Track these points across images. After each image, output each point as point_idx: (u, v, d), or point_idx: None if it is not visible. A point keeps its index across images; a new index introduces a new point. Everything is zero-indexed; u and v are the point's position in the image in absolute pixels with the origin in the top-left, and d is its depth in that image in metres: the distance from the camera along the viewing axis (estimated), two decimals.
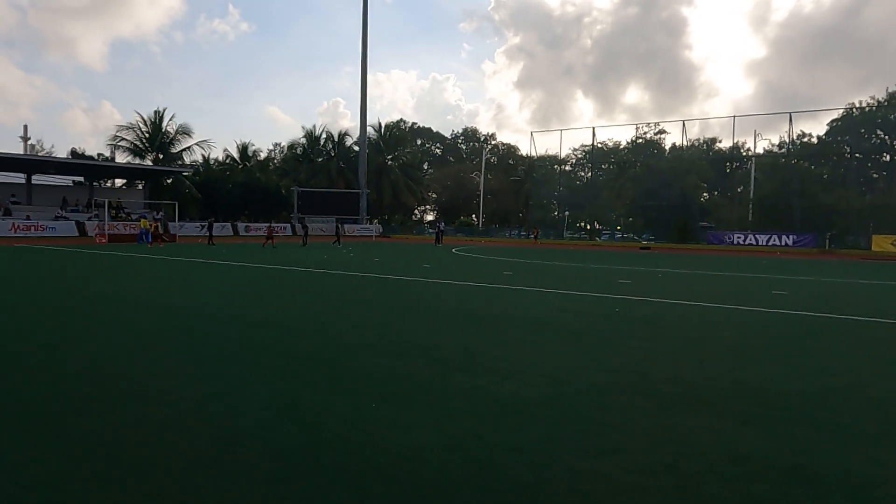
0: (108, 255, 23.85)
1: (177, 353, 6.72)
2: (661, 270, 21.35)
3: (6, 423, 4.34)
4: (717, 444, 4.16)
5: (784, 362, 6.87)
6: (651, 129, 68.95)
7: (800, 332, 9.15)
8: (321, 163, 72.03)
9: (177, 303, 10.93)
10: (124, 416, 4.54)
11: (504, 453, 3.92)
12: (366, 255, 26.82)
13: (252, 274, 17.14)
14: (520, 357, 6.81)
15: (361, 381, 5.64)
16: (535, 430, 4.39)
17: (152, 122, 59.49)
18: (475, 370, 6.15)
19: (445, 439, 4.16)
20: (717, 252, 40.00)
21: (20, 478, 3.44)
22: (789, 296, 13.88)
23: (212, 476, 3.50)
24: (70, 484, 3.38)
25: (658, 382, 5.80)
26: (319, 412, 4.70)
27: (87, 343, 7.19)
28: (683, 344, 7.81)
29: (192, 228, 46.87)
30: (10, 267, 17.96)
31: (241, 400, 4.98)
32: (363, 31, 61.07)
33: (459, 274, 18.34)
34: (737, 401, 5.25)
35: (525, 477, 3.58)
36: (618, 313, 10.47)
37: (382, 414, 4.69)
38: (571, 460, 3.83)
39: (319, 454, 3.86)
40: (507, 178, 79.65)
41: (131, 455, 3.78)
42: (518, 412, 4.80)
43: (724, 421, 4.68)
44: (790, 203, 48.79)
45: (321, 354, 6.78)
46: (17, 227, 38.34)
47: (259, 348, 7.06)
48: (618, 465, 3.78)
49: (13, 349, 6.83)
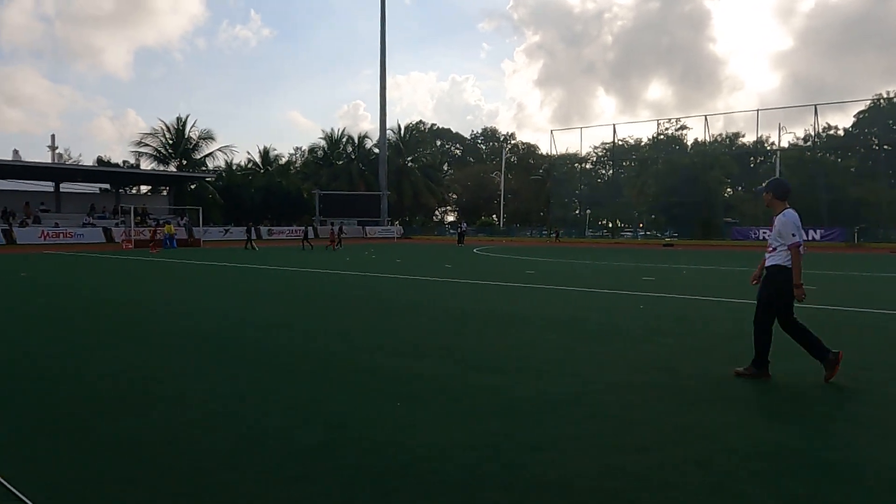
0: (134, 261, 24.19)
1: (201, 355, 6.76)
2: (686, 267, 21.08)
3: (39, 426, 4.39)
4: (749, 441, 4.06)
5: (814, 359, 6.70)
6: (673, 125, 68.27)
7: (830, 327, 8.94)
8: (342, 165, 72.44)
9: (201, 306, 11.03)
10: (151, 417, 4.57)
11: (529, 451, 3.87)
12: (387, 257, 26.88)
13: (272, 276, 17.25)
14: (544, 356, 6.74)
15: (384, 382, 5.62)
16: (560, 428, 4.33)
17: (175, 128, 60.42)
18: (499, 369, 6.10)
19: (469, 438, 4.11)
20: (742, 248, 39.43)
21: (51, 478, 3.47)
22: (818, 291, 13.60)
23: (236, 475, 3.49)
24: (99, 484, 3.39)
25: (686, 379, 5.71)
26: (342, 412, 4.68)
27: (116, 347, 7.26)
28: (711, 340, 7.67)
29: (215, 233, 47.42)
30: (42, 274, 18.28)
31: (264, 401, 4.99)
32: (381, 34, 61.36)
33: (481, 274, 18.29)
34: (768, 396, 5.14)
35: (550, 475, 3.52)
36: (643, 310, 10.34)
37: (405, 413, 4.66)
38: (598, 458, 3.77)
39: (342, 453, 3.84)
40: (528, 178, 79.39)
41: (157, 455, 3.80)
42: (543, 410, 4.74)
43: (755, 417, 4.58)
44: (817, 197, 47.96)
45: (343, 356, 6.78)
46: (46, 235, 39.03)
47: (281, 350, 7.08)
48: (646, 462, 3.70)
49: (44, 353, 6.93)
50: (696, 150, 62.86)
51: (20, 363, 6.40)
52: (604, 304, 11.28)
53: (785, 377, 5.78)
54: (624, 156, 70.80)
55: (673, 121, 69.56)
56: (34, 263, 22.28)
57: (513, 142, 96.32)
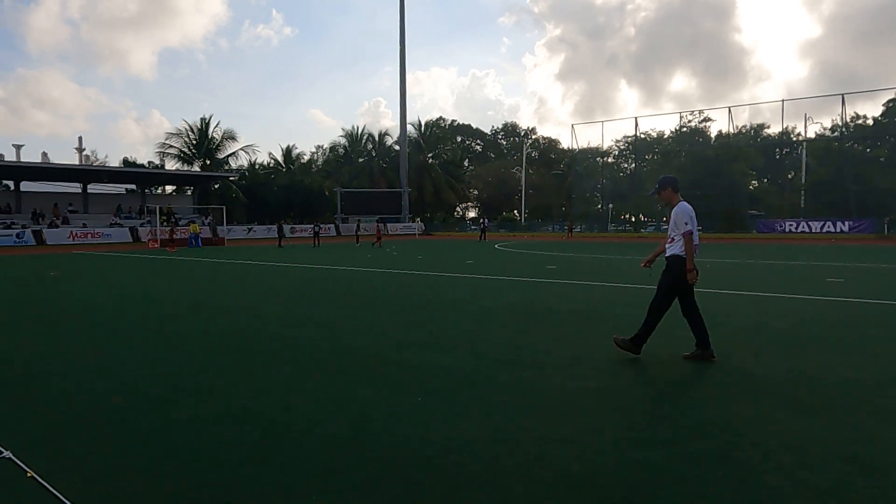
0: (160, 260, 24.57)
1: (227, 351, 6.88)
2: (710, 261, 20.86)
3: (69, 420, 4.51)
4: (773, 434, 4.04)
5: (841, 350, 6.63)
6: (696, 118, 67.36)
7: (857, 319, 8.81)
8: (362, 163, 72.76)
9: (226, 303, 11.19)
10: (179, 411, 4.67)
11: (552, 444, 3.89)
12: (409, 253, 26.98)
13: (297, 274, 17.42)
14: (566, 350, 6.75)
15: (407, 376, 5.68)
16: (583, 421, 4.34)
17: (199, 129, 61.27)
18: (521, 363, 6.12)
19: (493, 431, 4.15)
20: (767, 241, 38.90)
21: (83, 471, 3.57)
22: (845, 283, 13.40)
23: (262, 468, 3.56)
24: (129, 476, 3.49)
25: (710, 373, 5.68)
26: (366, 406, 4.74)
27: (143, 343, 7.41)
28: (735, 334, 7.61)
29: (238, 232, 47.96)
30: (74, 274, 18.67)
31: (290, 395, 5.07)
32: (401, 30, 61.42)
33: (503, 269, 18.28)
34: (793, 390, 5.09)
35: (573, 468, 3.54)
36: None
37: (428, 407, 4.71)
38: (621, 451, 3.78)
39: (367, 447, 3.89)
40: (549, 173, 78.94)
41: (185, 448, 3.89)
42: (566, 404, 4.76)
43: (779, 410, 4.54)
44: (845, 188, 47.06)
45: (367, 351, 6.84)
46: (74, 235, 39.83)
47: (307, 346, 7.17)
48: (669, 455, 3.70)
49: (72, 349, 7.09)
50: (719, 142, 61.89)
51: (50, 360, 6.55)
52: (626, 298, 11.22)
53: (809, 371, 5.72)
54: (646, 149, 70.02)
55: (696, 113, 68.55)
56: (63, 263, 22.75)
57: (533, 136, 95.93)
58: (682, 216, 6.03)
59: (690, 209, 6.09)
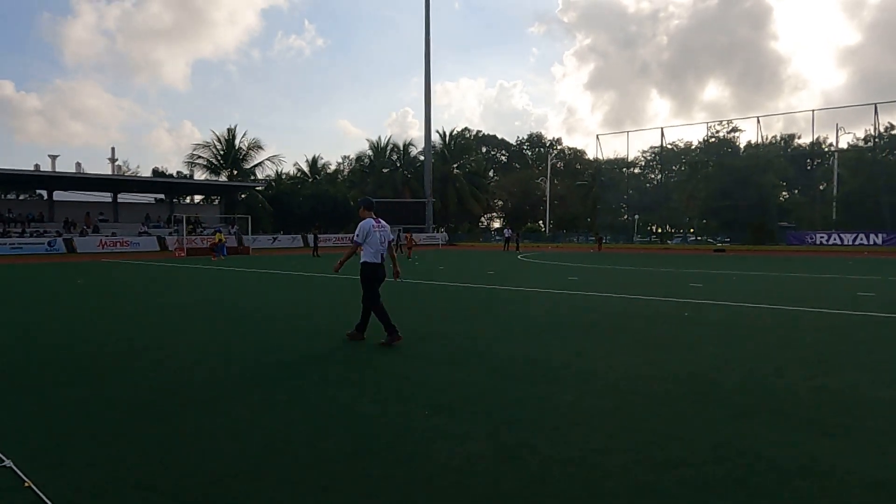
0: (186, 268, 24.84)
1: (235, 361, 6.83)
2: (736, 273, 20.44)
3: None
4: (794, 458, 3.84)
5: (870, 368, 6.36)
6: (724, 128, 66.40)
7: (888, 336, 8.49)
8: (387, 173, 73.05)
9: (241, 310, 11.19)
10: (183, 422, 4.62)
11: (558, 466, 3.75)
12: (431, 264, 26.90)
13: (315, 283, 17.44)
14: (581, 365, 6.58)
15: (416, 390, 5.57)
16: (592, 441, 4.19)
17: (226, 139, 62.15)
18: (534, 378, 5.98)
19: (498, 450, 4.01)
20: (797, 253, 38.07)
21: (78, 482, 3.52)
22: (876, 297, 12.98)
23: (259, 483, 3.47)
24: (122, 489, 3.42)
25: (730, 391, 5.47)
26: (371, 421, 4.64)
27: (153, 350, 7.41)
28: (758, 350, 7.36)
29: (264, 241, 48.38)
30: (105, 280, 18.95)
31: (294, 408, 4.99)
32: (426, 41, 61.70)
33: (524, 280, 18.10)
34: (816, 410, 4.87)
35: (577, 491, 3.39)
36: (688, 318, 10.03)
37: (434, 423, 4.59)
38: (629, 475, 3.61)
39: (367, 463, 3.78)
40: (574, 183, 78.41)
41: (183, 461, 3.81)
42: (576, 422, 4.60)
43: (801, 432, 4.34)
44: (878, 199, 45.95)
45: (377, 363, 6.75)
46: (104, 244, 40.55)
47: (316, 356, 7.11)
48: (681, 479, 3.53)
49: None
50: (749, 152, 60.87)
51: (66, 367, 6.58)
52: (647, 311, 10.98)
53: (834, 390, 5.49)
54: (674, 160, 69.18)
55: (724, 123, 67.56)
56: (95, 271, 23.11)
57: (559, 147, 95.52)
58: (358, 229, 7.63)
59: (367, 225, 7.59)
